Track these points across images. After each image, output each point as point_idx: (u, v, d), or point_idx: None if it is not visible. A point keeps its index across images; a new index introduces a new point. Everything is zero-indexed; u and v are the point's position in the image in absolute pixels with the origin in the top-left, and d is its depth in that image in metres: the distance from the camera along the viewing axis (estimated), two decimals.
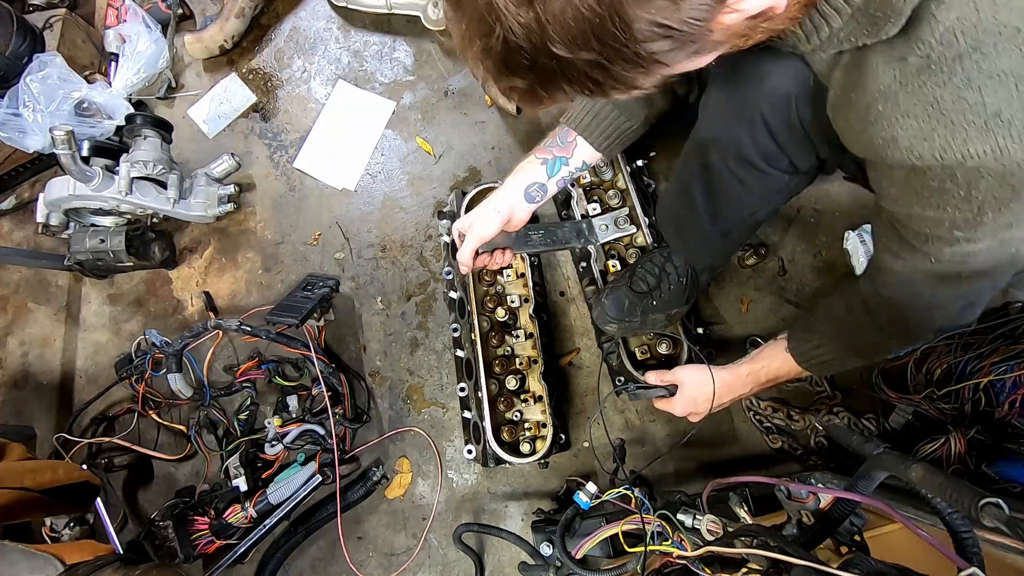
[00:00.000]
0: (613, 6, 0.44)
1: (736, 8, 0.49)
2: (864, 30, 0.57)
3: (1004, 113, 0.52)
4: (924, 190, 0.62)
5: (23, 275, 1.78)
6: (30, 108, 1.60)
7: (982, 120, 0.53)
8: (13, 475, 1.19)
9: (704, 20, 0.48)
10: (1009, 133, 0.53)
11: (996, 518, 0.56)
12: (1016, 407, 1.08)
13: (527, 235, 1.14)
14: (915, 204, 0.65)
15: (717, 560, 0.78)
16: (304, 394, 1.53)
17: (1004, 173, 0.55)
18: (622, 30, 0.46)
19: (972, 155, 0.55)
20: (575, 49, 0.47)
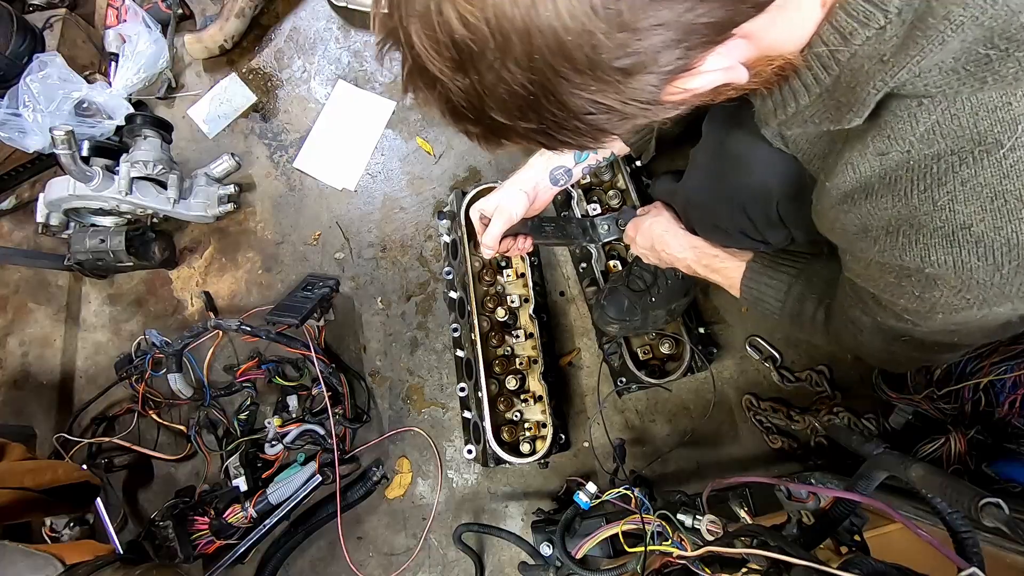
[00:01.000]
0: (546, 86, 0.41)
1: (684, 88, 0.45)
2: (829, 114, 0.54)
3: (974, 228, 0.48)
4: (882, 280, 0.60)
5: (23, 275, 1.78)
6: (30, 108, 1.60)
7: (949, 229, 0.49)
8: (13, 475, 1.19)
9: (648, 102, 0.45)
10: (976, 249, 0.49)
11: (996, 518, 0.56)
12: (1016, 407, 1.07)
13: (541, 225, 1.11)
14: (873, 287, 0.63)
15: (717, 560, 0.78)
16: (304, 394, 1.53)
17: (961, 288, 0.52)
18: (558, 108, 0.43)
19: (931, 263, 0.51)
20: (514, 119, 0.45)
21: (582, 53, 0.39)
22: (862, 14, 0.44)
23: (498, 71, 0.40)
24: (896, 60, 0.45)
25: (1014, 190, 0.46)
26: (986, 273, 0.49)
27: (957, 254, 0.49)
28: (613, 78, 0.41)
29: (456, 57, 0.40)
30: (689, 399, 1.44)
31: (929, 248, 0.50)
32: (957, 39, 0.42)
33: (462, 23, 0.38)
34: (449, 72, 0.42)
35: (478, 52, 0.39)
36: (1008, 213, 0.46)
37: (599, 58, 0.39)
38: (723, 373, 1.43)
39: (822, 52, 0.48)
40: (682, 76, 0.44)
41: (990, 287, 0.50)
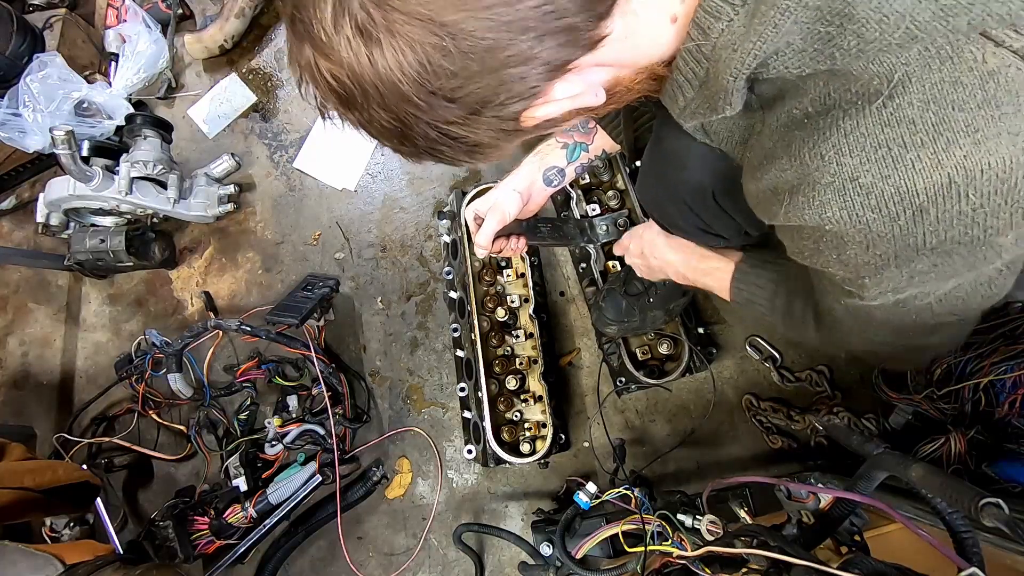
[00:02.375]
0: (405, 122, 0.47)
1: (534, 116, 0.50)
2: (708, 105, 0.55)
3: (862, 179, 0.48)
4: (805, 248, 0.58)
5: (23, 275, 1.78)
6: (30, 108, 1.60)
7: (839, 182, 0.49)
8: (13, 475, 1.19)
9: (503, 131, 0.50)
10: (867, 201, 0.48)
11: (996, 518, 0.56)
12: (1016, 407, 1.07)
13: (537, 226, 1.11)
14: (807, 260, 0.61)
15: (717, 560, 0.78)
16: (304, 394, 1.53)
17: (867, 244, 0.51)
18: (423, 138, 0.49)
19: (829, 219, 0.51)
20: (396, 144, 0.51)
21: (422, 99, 0.45)
22: (715, 8, 0.47)
23: (368, 111, 0.47)
24: (742, 47, 0.47)
25: (896, 137, 0.45)
26: (883, 225, 0.49)
27: (851, 207, 0.49)
28: (456, 116, 0.47)
29: (339, 100, 0.47)
30: (689, 399, 1.44)
31: (824, 204, 0.50)
32: (790, 21, 0.44)
33: (332, 77, 0.45)
34: (341, 110, 0.49)
35: (351, 97, 0.46)
36: (893, 161, 0.46)
37: (439, 102, 0.46)
38: (723, 373, 1.43)
39: (691, 47, 0.50)
40: (531, 106, 0.49)
41: (893, 240, 0.50)
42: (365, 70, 0.44)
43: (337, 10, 0.42)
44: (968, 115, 0.44)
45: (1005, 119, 0.43)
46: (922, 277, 0.54)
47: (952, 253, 0.50)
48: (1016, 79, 0.43)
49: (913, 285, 0.55)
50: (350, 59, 0.44)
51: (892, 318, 0.62)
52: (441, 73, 0.44)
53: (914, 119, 0.45)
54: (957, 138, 0.44)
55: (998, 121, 0.43)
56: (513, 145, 0.55)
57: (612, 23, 0.47)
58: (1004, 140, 0.44)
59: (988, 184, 0.45)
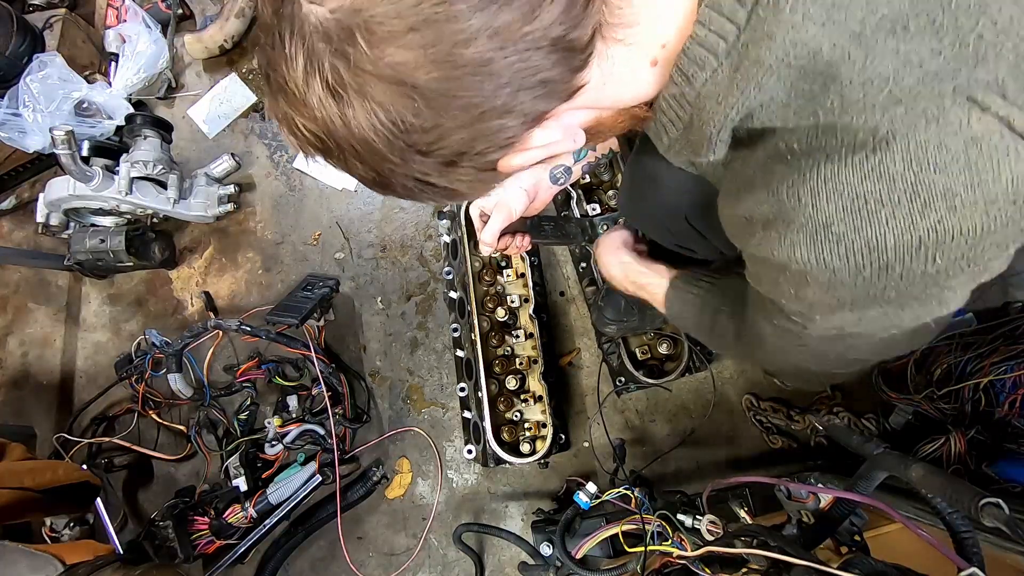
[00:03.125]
0: (382, 173, 0.48)
1: (511, 164, 0.50)
2: (692, 148, 0.55)
3: (835, 227, 0.47)
4: (766, 277, 0.59)
5: (23, 275, 1.78)
6: (30, 108, 1.60)
7: (812, 227, 0.48)
8: (13, 475, 1.19)
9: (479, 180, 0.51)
10: (837, 249, 0.48)
11: (996, 518, 0.56)
12: (1016, 407, 1.07)
13: (540, 224, 1.11)
14: (763, 287, 0.62)
15: (717, 560, 0.78)
16: (304, 394, 1.53)
17: (828, 287, 0.51)
18: (402, 188, 0.50)
19: (797, 260, 0.50)
20: (379, 190, 0.52)
21: (396, 155, 0.46)
22: (699, 57, 0.47)
23: (346, 162, 0.48)
24: (727, 100, 0.47)
25: (874, 192, 0.45)
26: (848, 274, 0.49)
27: (819, 252, 0.49)
28: (432, 169, 0.48)
29: (318, 150, 0.48)
30: (689, 399, 1.44)
31: (795, 245, 0.50)
32: (773, 79, 0.44)
33: (307, 131, 0.46)
34: (322, 157, 0.50)
35: (328, 150, 0.47)
36: (868, 215, 0.46)
37: (414, 157, 0.46)
38: (723, 373, 1.43)
39: (675, 92, 0.50)
40: (509, 153, 0.49)
41: (854, 288, 0.50)
42: (338, 128, 0.44)
43: (308, 68, 0.42)
44: (948, 179, 0.43)
45: (983, 187, 0.43)
46: (869, 322, 0.55)
47: (905, 306, 0.52)
48: (999, 147, 0.43)
49: (859, 327, 0.56)
50: (323, 116, 0.44)
51: (821, 349, 0.63)
52: (413, 130, 0.44)
53: (894, 176, 0.44)
54: (934, 201, 0.44)
55: (976, 188, 0.43)
56: (492, 187, 0.55)
57: (589, 73, 0.47)
58: (979, 208, 0.44)
59: (956, 249, 0.46)
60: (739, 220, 0.58)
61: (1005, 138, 0.42)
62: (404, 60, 0.40)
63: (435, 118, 0.43)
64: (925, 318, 0.54)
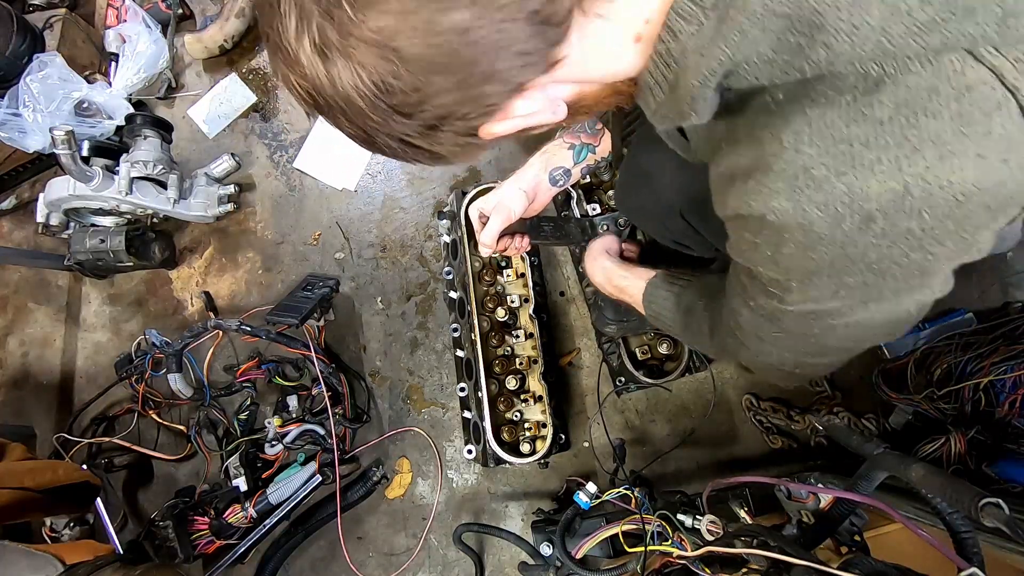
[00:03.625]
0: (367, 131, 0.49)
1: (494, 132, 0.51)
2: (677, 110, 0.53)
3: (815, 171, 0.45)
4: (743, 242, 0.56)
5: (23, 275, 1.78)
6: (30, 108, 1.60)
7: (791, 171, 0.46)
8: (13, 475, 1.19)
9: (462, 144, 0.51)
10: (815, 195, 0.46)
11: (996, 518, 0.56)
12: (1016, 407, 1.08)
13: (540, 225, 1.12)
14: (742, 256, 0.59)
15: (717, 560, 0.78)
16: (304, 394, 1.53)
17: (807, 245, 0.49)
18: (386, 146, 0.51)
19: (774, 210, 0.48)
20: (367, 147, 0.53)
21: (378, 116, 0.47)
22: (685, 11, 0.46)
23: (335, 119, 0.49)
24: (709, 52, 0.45)
25: (860, 135, 0.43)
26: (827, 226, 0.47)
27: (798, 200, 0.47)
28: (414, 131, 0.48)
29: (311, 106, 0.49)
30: (689, 399, 1.44)
31: (772, 193, 0.48)
32: (758, 28, 0.43)
33: (301, 88, 0.47)
34: (315, 113, 0.51)
35: (319, 106, 0.49)
36: (851, 158, 0.44)
37: (396, 118, 0.47)
38: (723, 373, 1.43)
39: (662, 50, 0.49)
40: (490, 120, 0.49)
41: (833, 245, 0.48)
42: (324, 85, 0.46)
43: (299, 26, 0.44)
44: (939, 125, 0.42)
45: (975, 139, 0.42)
46: (848, 293, 0.53)
47: (886, 274, 0.49)
48: (990, 99, 0.42)
49: (836, 299, 0.54)
50: (312, 74, 0.46)
51: (794, 332, 0.61)
52: (394, 92, 0.45)
53: (883, 119, 0.43)
54: (923, 147, 0.42)
55: (967, 139, 0.42)
56: (477, 155, 0.56)
57: (567, 47, 0.48)
58: (970, 161, 0.42)
59: (944, 205, 0.44)
60: (721, 180, 0.56)
61: (997, 91, 0.41)
62: (386, 24, 0.42)
63: (415, 82, 0.44)
64: (905, 298, 0.53)
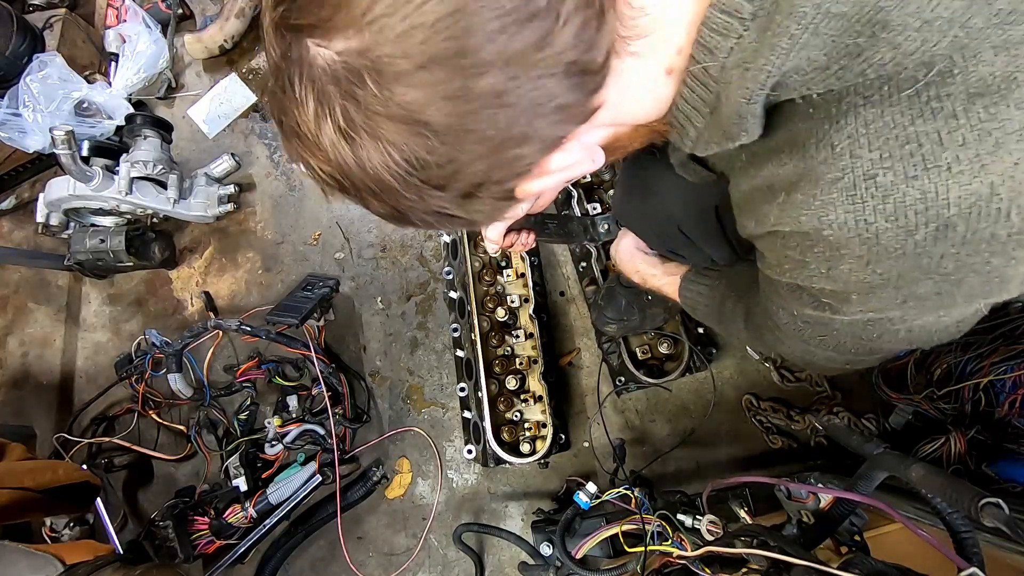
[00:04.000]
0: (399, 209, 0.47)
1: (530, 191, 0.47)
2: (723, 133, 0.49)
3: (880, 178, 0.40)
4: (787, 261, 0.51)
5: (23, 275, 1.78)
6: (30, 108, 1.60)
7: (849, 180, 0.41)
8: (13, 475, 1.19)
9: (498, 208, 0.49)
10: (882, 206, 0.40)
11: (996, 518, 0.56)
12: (1016, 407, 1.07)
13: (544, 222, 1.12)
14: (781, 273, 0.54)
15: (717, 560, 0.78)
16: (304, 394, 1.53)
17: (870, 259, 0.44)
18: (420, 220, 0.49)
19: (830, 223, 0.43)
20: (399, 223, 0.51)
21: (412, 193, 0.44)
22: (721, 26, 0.42)
23: (364, 200, 0.47)
24: (755, 65, 0.41)
25: (931, 133, 0.38)
26: (896, 238, 0.41)
27: (860, 211, 0.41)
28: (449, 203, 0.46)
29: (335, 189, 0.47)
30: (689, 399, 1.44)
31: (827, 205, 0.43)
32: (808, 32, 0.38)
33: (324, 173, 0.45)
34: (340, 195, 0.48)
35: (344, 188, 0.46)
36: (923, 160, 0.38)
37: (430, 192, 0.44)
38: (723, 373, 1.43)
39: (697, 71, 0.45)
40: (528, 179, 0.46)
41: (903, 258, 0.42)
42: (352, 169, 0.43)
43: (319, 112, 0.41)
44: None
45: None
46: (916, 303, 0.47)
47: (962, 283, 0.43)
48: None
49: (900, 309, 0.48)
50: (337, 158, 0.43)
51: (845, 335, 0.56)
52: (428, 167, 0.42)
53: (956, 113, 0.37)
54: (1008, 141, 0.37)
55: None
56: (516, 212, 0.54)
57: (606, 93, 0.44)
58: None
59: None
60: (757, 192, 0.51)
61: None
62: (415, 99, 0.39)
63: (450, 153, 0.41)
64: (979, 300, 0.46)
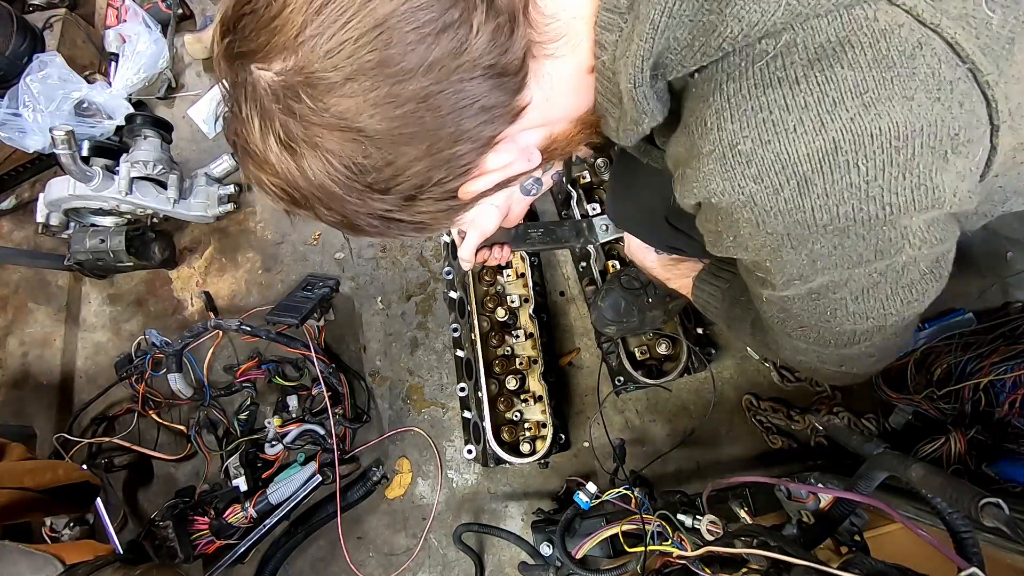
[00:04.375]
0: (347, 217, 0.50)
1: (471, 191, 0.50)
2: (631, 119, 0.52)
3: (741, 146, 0.44)
4: (710, 235, 0.55)
5: (23, 275, 1.78)
6: (30, 108, 1.60)
7: (719, 151, 0.45)
8: (13, 475, 1.19)
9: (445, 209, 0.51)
10: (747, 171, 0.45)
11: (996, 518, 0.56)
12: (1016, 407, 1.07)
13: (526, 233, 1.13)
14: (713, 247, 0.57)
15: (717, 560, 0.78)
16: (304, 394, 1.53)
17: (758, 221, 0.47)
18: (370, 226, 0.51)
19: (715, 192, 0.47)
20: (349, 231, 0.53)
21: (356, 197, 0.47)
22: (607, 23, 0.47)
23: (315, 210, 0.50)
24: (631, 51, 0.46)
25: (778, 99, 0.42)
26: (768, 198, 0.45)
27: (731, 178, 0.46)
28: (393, 206, 0.49)
29: (288, 203, 0.50)
30: (689, 399, 1.44)
31: (708, 176, 0.47)
32: (666, 16, 0.43)
33: (275, 187, 0.48)
34: (294, 209, 0.51)
35: (296, 200, 0.49)
36: (773, 125, 0.43)
37: (374, 196, 0.47)
38: (723, 373, 1.43)
39: (599, 67, 0.50)
40: (467, 180, 0.50)
41: (781, 215, 0.46)
42: (297, 179, 0.46)
43: (263, 128, 0.45)
44: (857, 74, 0.41)
45: (898, 81, 0.40)
46: (825, 261, 0.50)
47: (848, 232, 0.47)
48: (909, 40, 0.41)
49: (819, 271, 0.51)
50: (283, 170, 0.46)
51: (810, 318, 0.58)
52: (367, 171, 0.45)
53: (797, 79, 0.42)
54: (844, 99, 0.41)
55: (890, 83, 0.40)
56: (459, 217, 0.55)
57: (529, 93, 0.48)
58: (897, 103, 0.41)
59: (880, 152, 0.42)
60: (672, 173, 0.55)
61: (915, 31, 0.41)
62: (347, 107, 0.42)
63: (387, 157, 0.45)
64: (892, 254, 0.49)
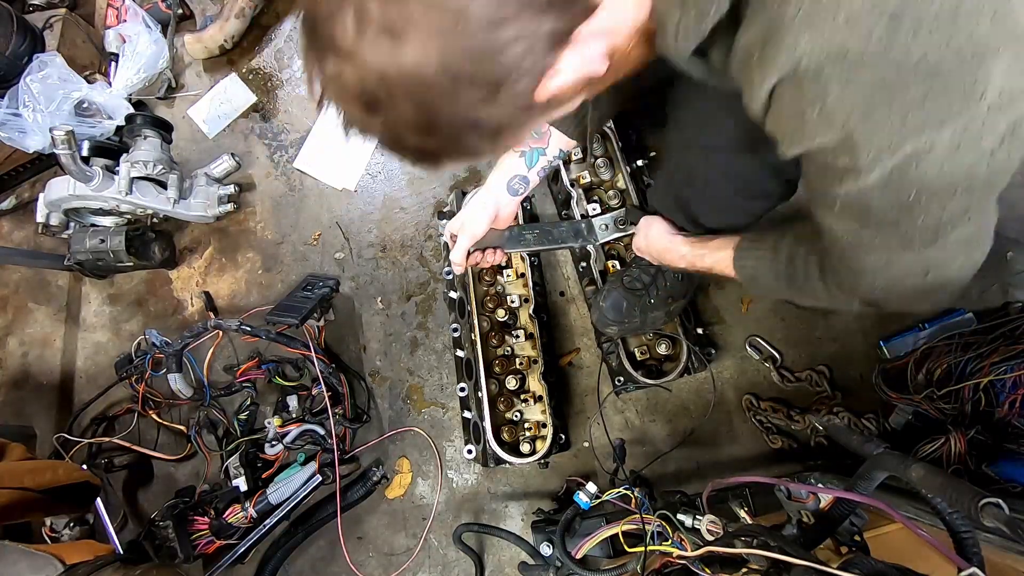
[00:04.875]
0: (431, 111, 0.52)
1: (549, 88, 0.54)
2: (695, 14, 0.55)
3: None
4: (790, 123, 0.56)
5: (23, 275, 1.78)
6: (30, 108, 1.60)
7: (804, 11, 0.47)
8: (13, 475, 1.19)
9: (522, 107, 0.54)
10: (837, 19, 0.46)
11: (996, 518, 0.56)
12: (1016, 407, 1.07)
13: (521, 234, 1.14)
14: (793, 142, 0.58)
15: (717, 560, 0.78)
16: (304, 394, 1.53)
17: (846, 74, 0.48)
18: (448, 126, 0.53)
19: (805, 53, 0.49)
20: (424, 140, 0.55)
21: (447, 85, 0.49)
22: None
23: (395, 110, 0.51)
24: None
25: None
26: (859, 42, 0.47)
27: (821, 31, 0.48)
28: (477, 98, 0.51)
29: (364, 105, 0.52)
30: (689, 399, 1.44)
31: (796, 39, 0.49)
32: None
33: (359, 82, 0.50)
34: (366, 117, 0.53)
35: (375, 101, 0.51)
36: None
37: (461, 85, 0.50)
38: (723, 373, 1.43)
39: None
40: (544, 78, 0.53)
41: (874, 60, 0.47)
42: (391, 67, 0.48)
43: (359, 18, 0.47)
44: None
45: None
46: (915, 117, 0.49)
47: (939, 72, 0.47)
48: None
49: (907, 135, 0.51)
50: (376, 60, 0.48)
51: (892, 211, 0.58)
52: (460, 55, 0.48)
53: None
54: None
55: None
56: (531, 126, 0.59)
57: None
58: None
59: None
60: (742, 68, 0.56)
61: None
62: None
63: (474, 40, 0.47)
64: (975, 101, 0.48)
